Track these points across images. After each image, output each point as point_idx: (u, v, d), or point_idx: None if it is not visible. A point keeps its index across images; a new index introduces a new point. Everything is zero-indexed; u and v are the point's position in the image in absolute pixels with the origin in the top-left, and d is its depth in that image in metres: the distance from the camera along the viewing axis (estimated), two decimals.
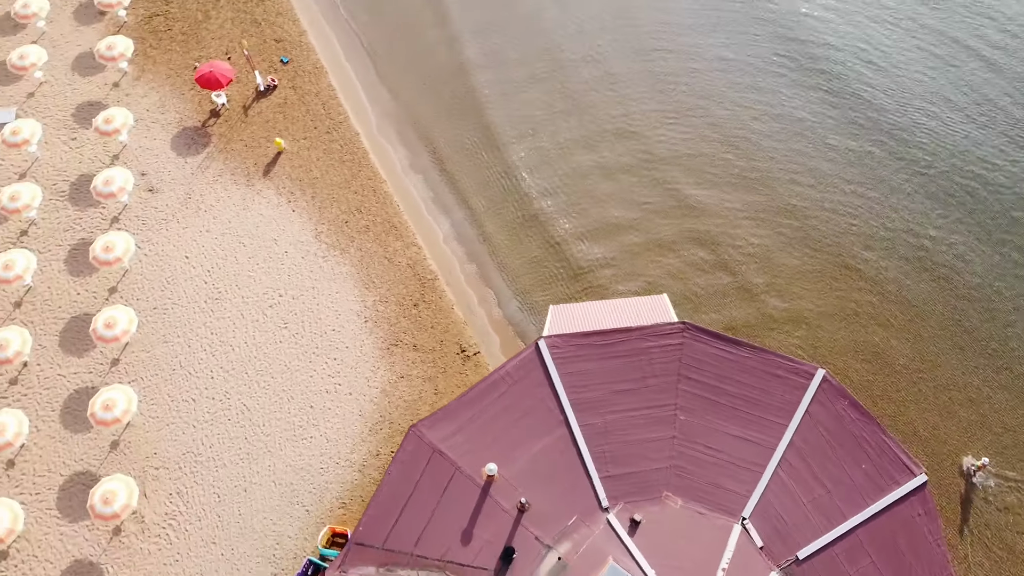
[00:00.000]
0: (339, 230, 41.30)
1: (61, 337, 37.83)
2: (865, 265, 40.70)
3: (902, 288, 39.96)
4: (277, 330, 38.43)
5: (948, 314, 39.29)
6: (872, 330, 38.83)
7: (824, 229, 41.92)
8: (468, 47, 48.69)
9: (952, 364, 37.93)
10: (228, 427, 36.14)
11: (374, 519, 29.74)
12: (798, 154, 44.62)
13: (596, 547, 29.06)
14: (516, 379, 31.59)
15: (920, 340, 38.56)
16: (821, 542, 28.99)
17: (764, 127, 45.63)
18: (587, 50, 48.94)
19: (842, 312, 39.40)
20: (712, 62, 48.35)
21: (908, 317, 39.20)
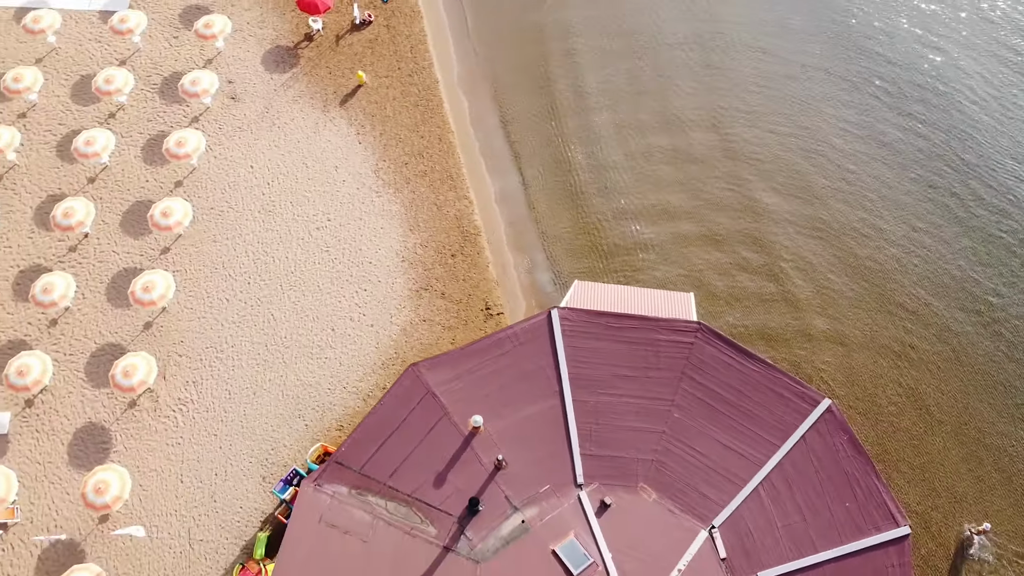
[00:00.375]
0: (398, 170, 42.28)
1: (123, 217, 40.19)
2: (920, 307, 39.07)
3: (953, 339, 38.25)
4: (318, 252, 39.81)
5: (995, 374, 37.46)
6: (909, 371, 37.42)
7: (884, 261, 40.42)
8: (569, 13, 48.62)
9: (984, 424, 36.21)
10: (252, 332, 37.82)
11: (357, 443, 30.83)
12: (876, 180, 43.01)
13: (562, 519, 29.38)
14: (522, 341, 31.98)
15: (958, 393, 36.92)
16: (785, 568, 28.53)
17: (847, 146, 44.13)
18: (687, 34, 48.16)
19: (883, 346, 38.05)
20: (809, 71, 46.88)
21: (951, 368, 37.56)
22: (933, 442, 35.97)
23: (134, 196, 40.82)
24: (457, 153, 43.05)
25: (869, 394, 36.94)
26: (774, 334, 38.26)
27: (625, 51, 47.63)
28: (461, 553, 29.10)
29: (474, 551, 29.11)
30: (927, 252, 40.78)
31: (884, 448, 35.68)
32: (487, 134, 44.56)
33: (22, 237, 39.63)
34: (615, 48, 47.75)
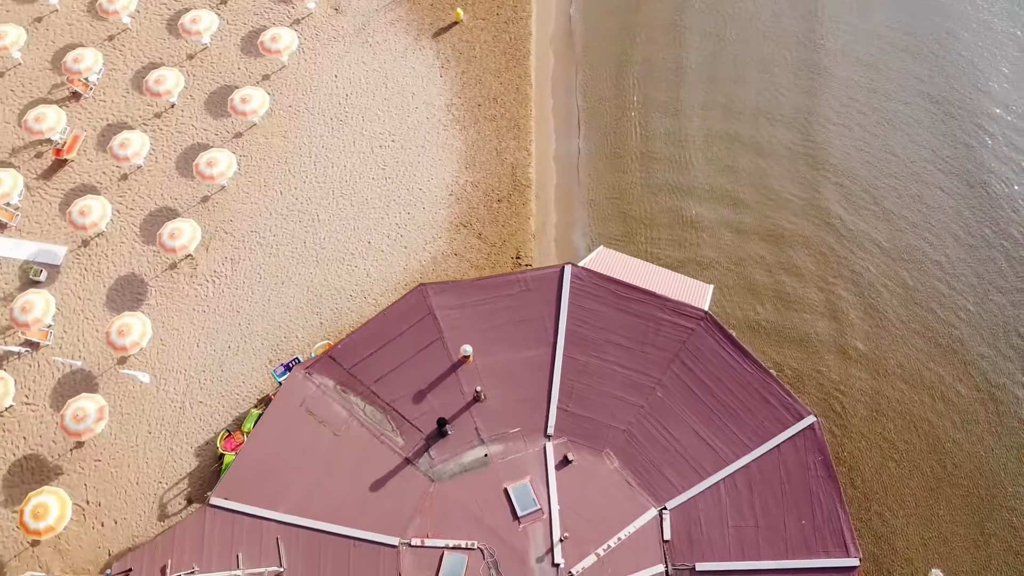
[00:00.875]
0: (469, 109, 43.32)
1: (208, 96, 42.69)
2: (975, 359, 37.50)
3: (1004, 397, 36.65)
4: (375, 168, 41.36)
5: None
6: (944, 417, 36.15)
7: (942, 301, 38.81)
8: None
9: (1006, 492, 34.85)
10: (296, 227, 39.77)
11: (354, 344, 32.31)
12: (955, 220, 40.98)
13: (522, 462, 30.15)
14: (530, 288, 32.68)
15: (985, 454, 35.53)
16: (724, 566, 28.52)
17: (932, 179, 42.35)
18: (797, 32, 46.84)
19: (926, 388, 36.84)
20: (915, 96, 44.89)
21: (991, 426, 36.09)
22: (936, 492, 34.87)
23: (223, 80, 43.23)
24: (530, 106, 43.72)
25: (885, 427, 36.01)
26: (808, 342, 37.88)
27: (728, 38, 46.88)
28: (420, 468, 30.28)
29: (433, 470, 30.24)
30: (992, 305, 38.95)
31: (880, 481, 34.88)
32: (563, 95, 45.04)
33: (117, 95, 42.64)
34: (718, 32, 47.03)
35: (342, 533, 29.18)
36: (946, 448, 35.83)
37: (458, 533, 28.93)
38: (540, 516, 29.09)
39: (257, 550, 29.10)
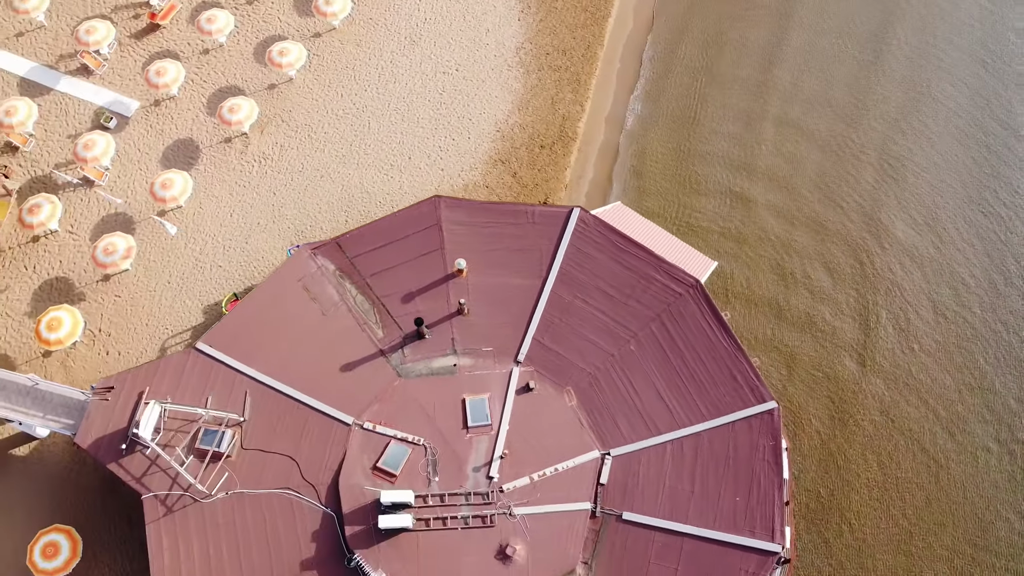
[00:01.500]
0: (537, 56, 44.30)
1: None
2: (987, 431, 36.46)
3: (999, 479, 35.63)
4: (433, 92, 42.85)
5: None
6: (947, 472, 35.56)
7: (977, 347, 37.89)
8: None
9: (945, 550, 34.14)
10: (347, 129, 41.71)
11: (361, 237, 34.01)
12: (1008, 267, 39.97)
13: (486, 380, 31.28)
14: (536, 222, 33.64)
15: (979, 526, 34.72)
16: (650, 521, 29.07)
17: (1006, 212, 40.93)
18: (914, 46, 45.78)
19: (916, 441, 36.18)
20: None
21: (959, 503, 35.18)
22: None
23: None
24: (596, 65, 44.41)
25: (867, 452, 35.68)
26: (816, 329, 38.14)
27: (825, 30, 46.27)
28: (391, 362, 31.78)
29: (402, 366, 31.70)
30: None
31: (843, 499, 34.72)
32: (633, 61, 45.52)
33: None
34: (816, 25, 46.52)
35: (304, 401, 30.99)
36: (940, 485, 35.07)
37: (409, 427, 30.32)
38: (488, 431, 30.19)
39: (226, 398, 31.23)
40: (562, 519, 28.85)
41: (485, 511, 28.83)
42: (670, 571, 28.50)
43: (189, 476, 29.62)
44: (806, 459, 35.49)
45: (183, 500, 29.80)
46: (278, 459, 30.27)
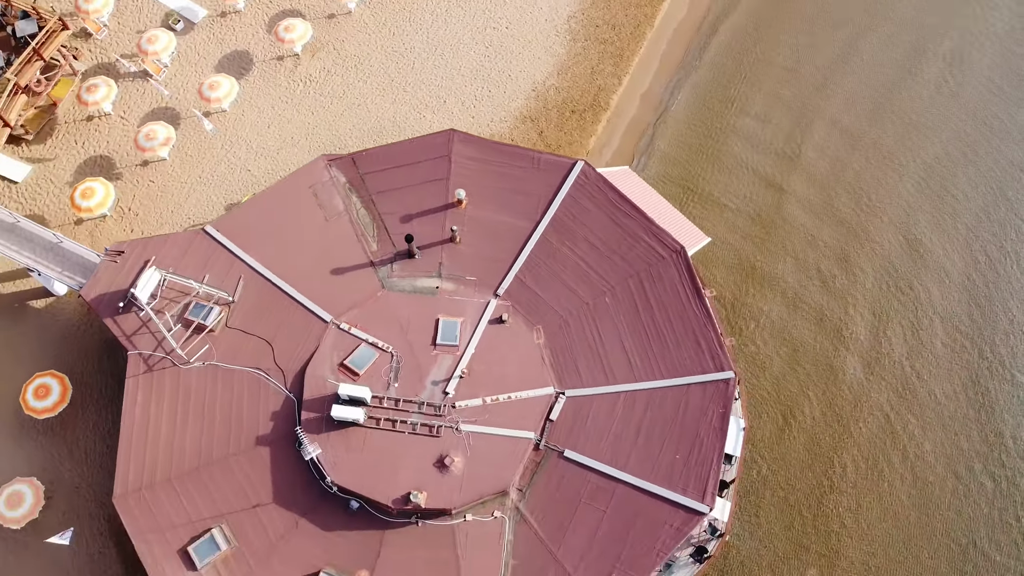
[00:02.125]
0: (586, 27, 45.44)
1: None
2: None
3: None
4: (480, 45, 44.41)
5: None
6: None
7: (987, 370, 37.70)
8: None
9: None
10: (392, 66, 43.60)
11: (374, 156, 35.75)
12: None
13: (463, 306, 32.58)
14: (540, 168, 34.82)
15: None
16: (589, 462, 29.93)
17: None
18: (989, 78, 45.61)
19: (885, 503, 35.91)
20: None
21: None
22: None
23: None
24: (642, 43, 45.30)
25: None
26: (814, 309, 38.87)
27: (912, 48, 46.46)
28: (379, 274, 33.39)
29: (388, 280, 33.27)
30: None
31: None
32: (680, 46, 46.19)
33: None
34: (886, 34, 46.73)
35: (291, 294, 32.83)
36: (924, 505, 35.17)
37: (381, 335, 31.84)
38: (454, 351, 31.48)
39: (222, 279, 33.29)
40: (505, 444, 29.94)
41: (434, 422, 30.14)
42: (599, 512, 29.31)
43: (173, 341, 31.75)
44: (785, 448, 35.87)
45: (164, 363, 31.94)
46: (256, 342, 32.17)
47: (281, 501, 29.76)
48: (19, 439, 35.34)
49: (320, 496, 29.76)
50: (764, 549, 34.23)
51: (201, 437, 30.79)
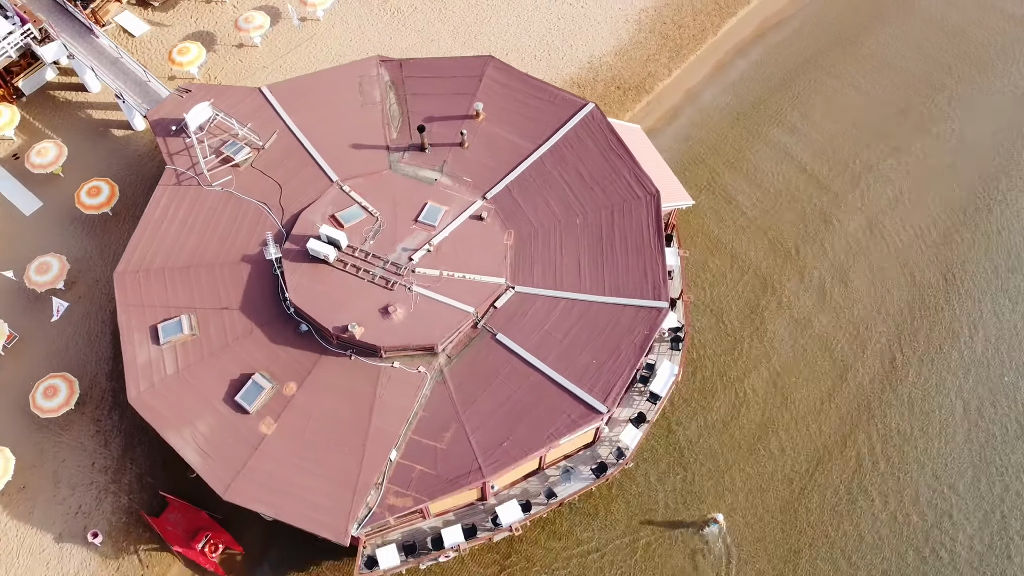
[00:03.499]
0: (654, 21, 49.14)
1: None
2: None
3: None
4: (552, 15, 48.91)
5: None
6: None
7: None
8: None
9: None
10: (469, 15, 48.60)
11: (418, 64, 40.36)
12: None
13: (452, 199, 36.18)
14: (555, 102, 38.49)
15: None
16: (514, 347, 32.71)
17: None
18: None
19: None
20: None
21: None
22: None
23: None
24: (702, 47, 48.54)
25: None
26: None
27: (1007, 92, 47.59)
28: (390, 158, 37.55)
29: (396, 164, 37.37)
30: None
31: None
32: (742, 56, 48.93)
33: None
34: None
35: (311, 152, 37.47)
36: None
37: (373, 202, 35.81)
38: (430, 230, 35.05)
39: (260, 129, 38.27)
40: (447, 312, 33.06)
41: (392, 278, 33.66)
42: (510, 391, 31.89)
43: (204, 165, 36.83)
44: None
45: (191, 181, 36.98)
46: (270, 184, 36.79)
47: (245, 310, 33.88)
48: (73, 225, 41.16)
49: (277, 315, 33.74)
50: (660, 486, 35.51)
51: (200, 244, 35.44)
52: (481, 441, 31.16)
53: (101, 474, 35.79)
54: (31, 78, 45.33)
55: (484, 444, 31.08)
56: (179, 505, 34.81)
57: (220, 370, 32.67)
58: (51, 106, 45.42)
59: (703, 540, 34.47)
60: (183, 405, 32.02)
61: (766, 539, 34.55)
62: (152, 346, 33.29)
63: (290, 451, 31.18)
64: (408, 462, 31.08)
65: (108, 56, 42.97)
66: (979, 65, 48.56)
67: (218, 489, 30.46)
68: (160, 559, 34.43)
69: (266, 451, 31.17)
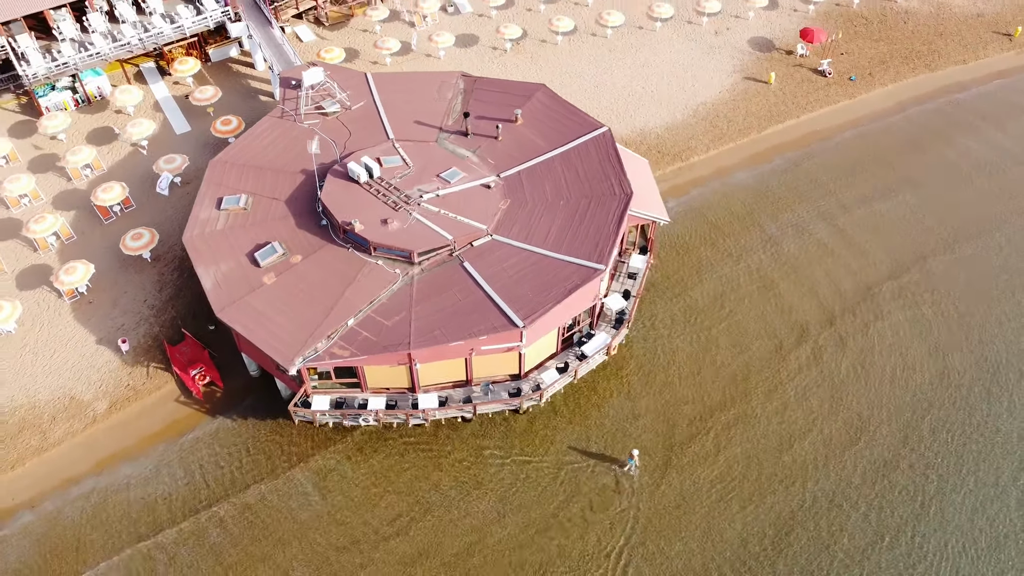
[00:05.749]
0: (709, 112, 57.11)
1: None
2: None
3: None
4: (636, 84, 58.13)
5: None
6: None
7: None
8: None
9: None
10: (589, 68, 58.79)
11: (487, 82, 50.42)
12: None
13: (472, 169, 44.83)
14: (579, 122, 46.86)
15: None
16: (472, 273, 39.79)
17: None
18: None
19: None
20: None
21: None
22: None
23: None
24: (743, 140, 55.74)
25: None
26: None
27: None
28: (439, 136, 47.09)
29: (441, 140, 46.82)
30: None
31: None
32: (771, 153, 55.42)
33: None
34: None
35: (382, 117, 47.91)
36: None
37: (412, 158, 45.06)
38: (445, 184, 43.53)
39: (354, 98, 49.39)
40: (432, 235, 40.75)
41: (401, 204, 42.18)
42: (456, 299, 38.75)
43: (303, 109, 48.11)
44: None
45: (289, 118, 48.22)
46: (344, 130, 47.32)
47: (287, 202, 43.58)
48: (205, 147, 53.44)
49: (308, 211, 43.16)
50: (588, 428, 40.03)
51: (276, 156, 45.98)
52: (419, 326, 37.98)
53: (148, 309, 45.43)
54: (219, 50, 59.95)
55: (420, 328, 37.87)
56: (191, 341, 43.55)
57: (252, 235, 41.99)
58: (225, 71, 59.52)
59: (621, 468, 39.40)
60: (217, 250, 41.38)
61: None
62: (214, 209, 43.36)
63: (277, 298, 39.37)
64: (359, 329, 38.28)
65: (275, 40, 56.61)
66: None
67: (216, 308, 38.95)
68: (162, 375, 42.90)
69: (260, 294, 39.54)
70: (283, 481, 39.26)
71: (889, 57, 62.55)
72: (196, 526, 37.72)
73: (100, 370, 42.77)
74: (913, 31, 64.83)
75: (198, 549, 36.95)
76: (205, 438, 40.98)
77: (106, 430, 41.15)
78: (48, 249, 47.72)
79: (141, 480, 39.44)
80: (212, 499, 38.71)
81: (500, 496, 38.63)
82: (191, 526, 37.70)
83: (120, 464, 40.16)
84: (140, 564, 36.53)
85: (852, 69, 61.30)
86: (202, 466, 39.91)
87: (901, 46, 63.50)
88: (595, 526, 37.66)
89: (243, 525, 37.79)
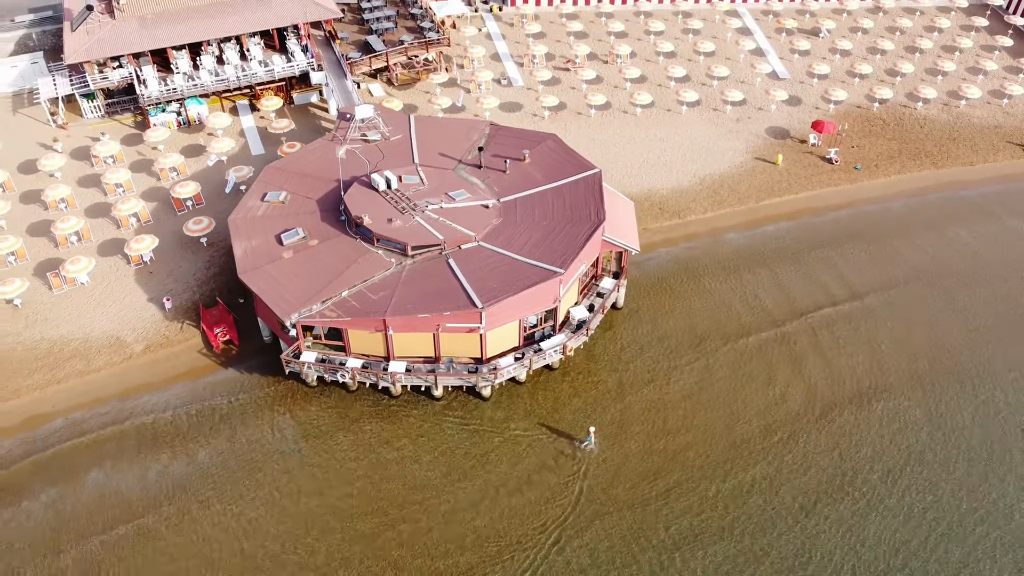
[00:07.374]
0: (715, 182, 62.97)
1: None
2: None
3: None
4: (652, 153, 64.97)
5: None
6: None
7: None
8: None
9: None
10: (614, 137, 66.33)
11: (508, 130, 58.41)
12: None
13: (477, 192, 52.24)
14: (576, 165, 53.77)
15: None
16: (455, 269, 46.47)
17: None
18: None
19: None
20: None
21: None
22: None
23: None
24: (741, 207, 61.01)
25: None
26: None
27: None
28: (456, 167, 54.95)
29: (457, 170, 54.60)
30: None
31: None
32: (763, 222, 60.36)
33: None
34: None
35: (413, 149, 56.37)
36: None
37: (428, 178, 52.99)
38: (451, 201, 50.99)
39: (393, 130, 58.27)
40: (427, 234, 47.96)
41: (408, 210, 49.76)
42: (434, 284, 45.33)
43: (349, 136, 57.22)
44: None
45: (337, 141, 57.34)
46: (378, 154, 55.91)
47: (318, 201, 51.86)
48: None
49: (333, 210, 51.22)
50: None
51: (319, 167, 54.83)
52: (398, 301, 44.67)
53: (194, 280, 54.06)
54: (302, 95, 70.89)
55: (398, 303, 44.55)
56: (221, 308, 51.62)
57: (283, 222, 50.30)
58: (303, 112, 70.17)
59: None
60: (252, 230, 49.81)
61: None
62: (259, 201, 52.16)
63: (290, 270, 47.06)
64: (350, 299, 45.30)
65: (346, 89, 66.95)
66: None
67: (240, 271, 46.95)
68: (192, 331, 50.87)
69: (278, 264, 47.36)
70: (266, 422, 45.83)
71: (898, 153, 67.16)
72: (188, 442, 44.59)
73: (145, 320, 51.17)
74: (927, 134, 69.37)
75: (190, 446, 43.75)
76: (216, 382, 48.23)
77: (139, 366, 49.06)
78: (128, 227, 57.61)
79: (157, 406, 46.87)
80: (210, 430, 45.63)
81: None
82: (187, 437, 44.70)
83: (143, 394, 47.74)
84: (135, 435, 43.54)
85: (859, 160, 66.15)
86: (206, 400, 47.20)
87: (912, 145, 68.07)
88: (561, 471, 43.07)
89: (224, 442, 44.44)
